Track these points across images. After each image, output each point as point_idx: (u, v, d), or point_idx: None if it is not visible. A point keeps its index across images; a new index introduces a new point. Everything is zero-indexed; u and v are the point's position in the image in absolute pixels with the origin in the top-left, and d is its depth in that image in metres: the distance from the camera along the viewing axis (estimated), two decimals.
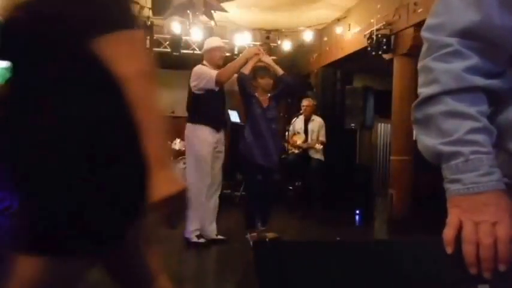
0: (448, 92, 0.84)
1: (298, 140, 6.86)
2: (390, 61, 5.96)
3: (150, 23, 7.44)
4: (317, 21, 7.65)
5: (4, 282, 1.18)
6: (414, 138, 6.47)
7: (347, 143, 7.11)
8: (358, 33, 6.63)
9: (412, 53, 5.40)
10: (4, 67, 1.22)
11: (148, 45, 7.63)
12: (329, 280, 0.75)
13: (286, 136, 6.91)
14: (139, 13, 6.94)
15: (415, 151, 5.91)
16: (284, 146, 6.65)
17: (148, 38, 7.60)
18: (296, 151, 6.86)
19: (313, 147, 6.66)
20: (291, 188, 7.13)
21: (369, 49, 5.96)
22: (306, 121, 6.94)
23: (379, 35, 5.83)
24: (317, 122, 6.92)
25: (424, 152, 0.88)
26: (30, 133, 1.15)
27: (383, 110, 6.77)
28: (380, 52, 5.88)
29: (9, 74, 1.20)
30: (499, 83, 0.86)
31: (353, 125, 6.84)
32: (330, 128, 6.96)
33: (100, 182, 1.15)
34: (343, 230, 5.70)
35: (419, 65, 0.92)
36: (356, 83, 8.01)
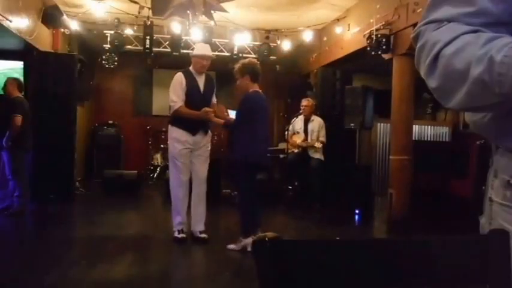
0: (457, 37, 0.83)
1: (298, 140, 6.87)
2: (389, 61, 5.97)
3: (150, 23, 7.45)
4: (317, 21, 7.66)
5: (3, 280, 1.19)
6: (414, 138, 6.49)
7: (347, 143, 7.11)
8: (358, 33, 6.64)
9: (411, 52, 5.35)
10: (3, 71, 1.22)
11: (148, 45, 7.63)
12: (329, 280, 0.75)
13: (286, 136, 6.92)
14: (139, 13, 6.95)
15: (415, 151, 5.95)
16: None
17: (149, 38, 7.60)
18: (296, 150, 6.87)
19: (313, 146, 6.67)
20: (290, 188, 7.14)
21: (368, 49, 5.97)
22: (306, 121, 6.95)
23: (379, 35, 5.83)
24: (317, 122, 6.93)
25: (472, 89, 0.78)
26: None
27: (382, 110, 6.77)
28: (379, 52, 5.89)
29: (6, 78, 1.20)
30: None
31: (352, 124, 6.84)
32: (330, 128, 6.98)
33: None
34: (343, 229, 5.71)
35: (418, 45, 0.92)
36: (355, 83, 8.00)
